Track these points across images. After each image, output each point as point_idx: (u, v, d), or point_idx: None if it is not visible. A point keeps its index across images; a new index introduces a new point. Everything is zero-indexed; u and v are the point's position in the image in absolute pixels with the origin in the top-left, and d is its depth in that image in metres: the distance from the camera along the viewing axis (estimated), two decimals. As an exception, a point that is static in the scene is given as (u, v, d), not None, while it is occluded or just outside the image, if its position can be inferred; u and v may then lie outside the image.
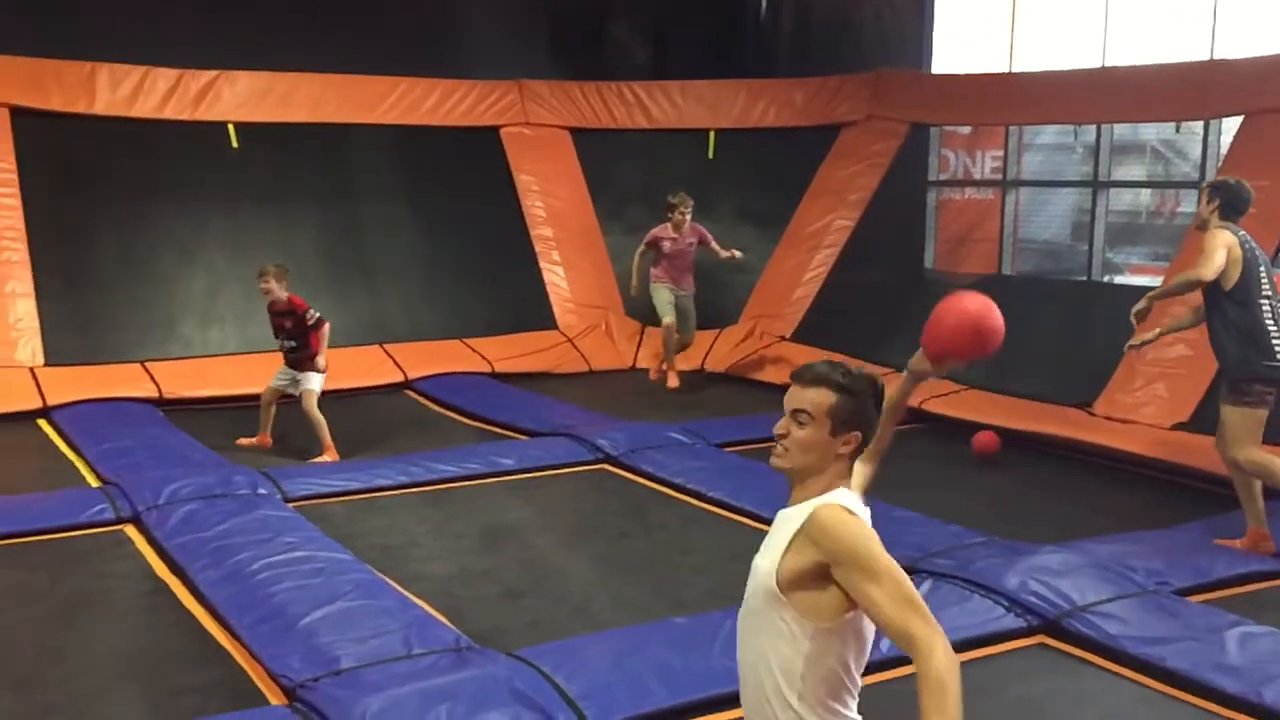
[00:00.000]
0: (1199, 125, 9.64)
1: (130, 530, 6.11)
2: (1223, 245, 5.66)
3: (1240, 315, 5.70)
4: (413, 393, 9.83)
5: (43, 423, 8.48)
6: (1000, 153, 11.65)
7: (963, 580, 5.12)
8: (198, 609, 5.11)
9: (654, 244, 9.94)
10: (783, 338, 10.87)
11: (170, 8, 10.64)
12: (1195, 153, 10.49)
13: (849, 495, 2.47)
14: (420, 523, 6.47)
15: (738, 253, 10.12)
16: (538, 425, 8.40)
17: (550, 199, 11.74)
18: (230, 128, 10.67)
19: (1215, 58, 9.46)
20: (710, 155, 11.96)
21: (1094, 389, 8.40)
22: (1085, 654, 4.68)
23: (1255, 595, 5.33)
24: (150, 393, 9.00)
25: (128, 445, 7.55)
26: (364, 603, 4.86)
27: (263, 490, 6.50)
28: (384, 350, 10.31)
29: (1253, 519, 5.76)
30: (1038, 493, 7.21)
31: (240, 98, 10.77)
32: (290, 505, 6.38)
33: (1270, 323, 5.68)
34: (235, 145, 10.65)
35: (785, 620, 2.38)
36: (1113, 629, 4.71)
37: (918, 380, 3.06)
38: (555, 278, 11.51)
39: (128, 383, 9.07)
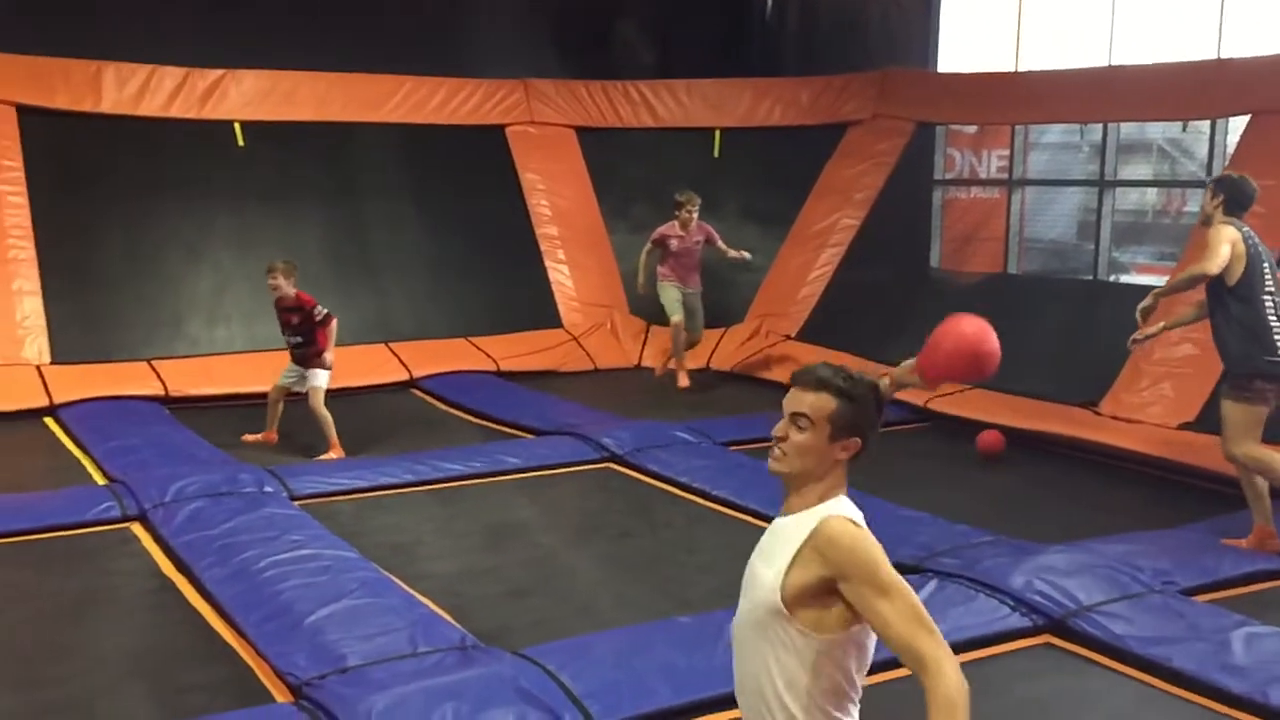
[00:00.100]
0: (1205, 124, 9.62)
1: (136, 528, 6.12)
2: (1227, 240, 5.65)
3: (1243, 311, 5.69)
4: (418, 391, 9.84)
5: (49, 421, 8.49)
6: (1006, 152, 11.63)
7: (968, 580, 5.11)
8: (204, 607, 5.12)
9: (661, 242, 9.93)
10: (788, 336, 10.85)
11: (174, 7, 10.65)
12: (1202, 152, 10.47)
13: (850, 505, 2.44)
14: (426, 521, 6.48)
15: (747, 254, 10.11)
16: (543, 424, 8.40)
17: (555, 198, 11.75)
18: (236, 126, 10.69)
19: (1222, 57, 9.44)
20: (716, 154, 11.94)
21: (1100, 388, 8.38)
22: (1091, 654, 4.68)
23: (1262, 595, 5.32)
24: (156, 391, 9.02)
25: (134, 443, 7.57)
26: (370, 601, 4.87)
27: (269, 488, 6.51)
28: (389, 349, 10.32)
29: (1259, 517, 5.75)
30: (1043, 492, 7.19)
31: (246, 96, 10.79)
32: (296, 503, 6.40)
33: (1273, 318, 5.67)
34: (241, 144, 10.67)
35: (789, 633, 2.35)
36: (1118, 629, 4.71)
37: (899, 389, 3.06)
38: (560, 276, 11.52)
39: (134, 381, 9.09)
